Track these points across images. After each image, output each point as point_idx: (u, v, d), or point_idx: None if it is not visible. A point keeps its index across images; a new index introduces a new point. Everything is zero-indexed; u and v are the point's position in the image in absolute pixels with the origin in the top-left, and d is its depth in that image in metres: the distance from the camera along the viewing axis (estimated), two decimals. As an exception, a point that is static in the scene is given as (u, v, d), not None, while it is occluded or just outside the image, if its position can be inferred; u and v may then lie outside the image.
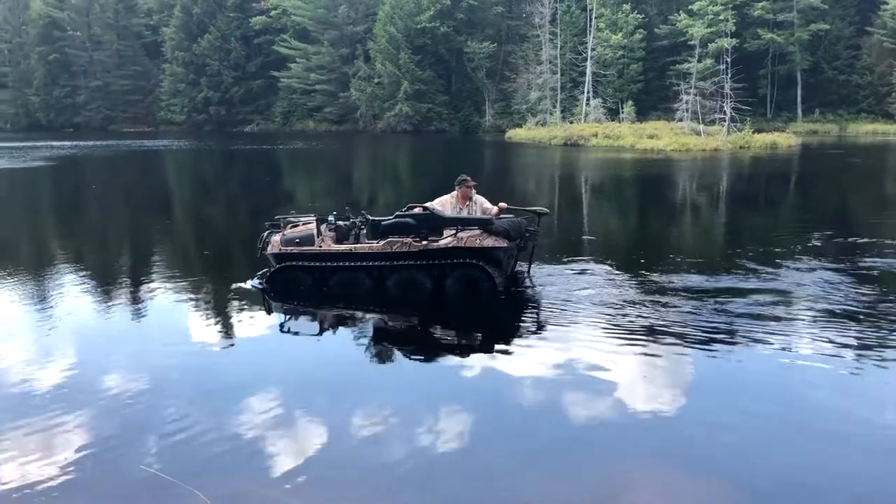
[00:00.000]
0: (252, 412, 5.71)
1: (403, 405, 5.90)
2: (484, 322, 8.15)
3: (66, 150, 43.41)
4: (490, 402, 6.00)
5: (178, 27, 72.35)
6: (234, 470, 4.84)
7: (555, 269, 10.25)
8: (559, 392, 6.12)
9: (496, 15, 65.26)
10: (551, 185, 25.62)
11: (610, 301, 8.59)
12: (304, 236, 9.09)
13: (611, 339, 7.29)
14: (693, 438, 5.29)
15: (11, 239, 15.04)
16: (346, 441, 5.26)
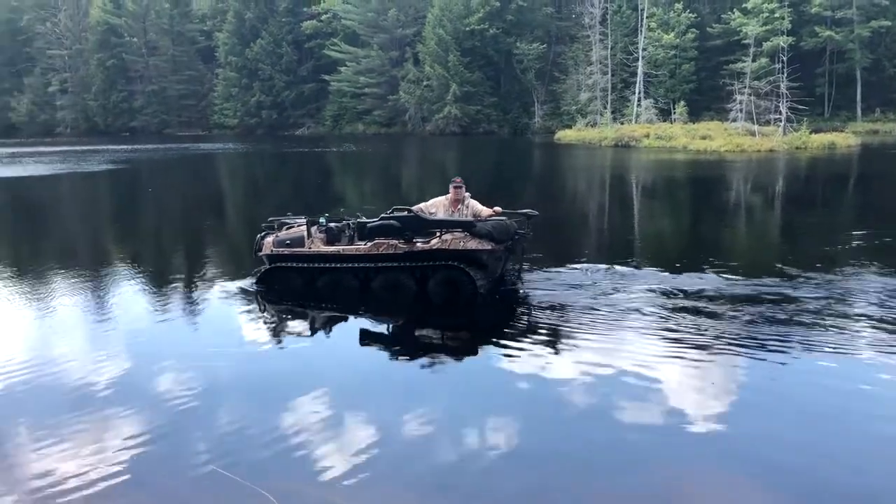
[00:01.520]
0: (305, 411, 5.75)
1: (451, 408, 5.88)
2: (518, 324, 8.05)
3: (124, 153, 44.50)
4: (536, 405, 5.93)
5: (231, 32, 73.58)
6: (294, 470, 4.86)
7: (603, 271, 10.11)
8: (604, 396, 6.02)
9: (546, 16, 64.88)
10: (601, 186, 25.35)
11: (657, 303, 8.44)
12: (295, 238, 9.27)
13: (656, 343, 7.16)
14: (742, 445, 5.15)
15: (72, 241, 15.43)
16: (398, 442, 5.25)
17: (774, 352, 6.82)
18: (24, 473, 4.83)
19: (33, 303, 9.26)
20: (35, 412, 5.80)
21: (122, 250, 14.03)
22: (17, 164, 36.42)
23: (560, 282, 9.60)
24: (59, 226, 17.68)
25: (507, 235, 9.10)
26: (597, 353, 6.94)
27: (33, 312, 8.79)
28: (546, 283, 9.58)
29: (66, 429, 5.48)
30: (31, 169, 32.99)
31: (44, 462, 4.97)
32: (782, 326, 7.50)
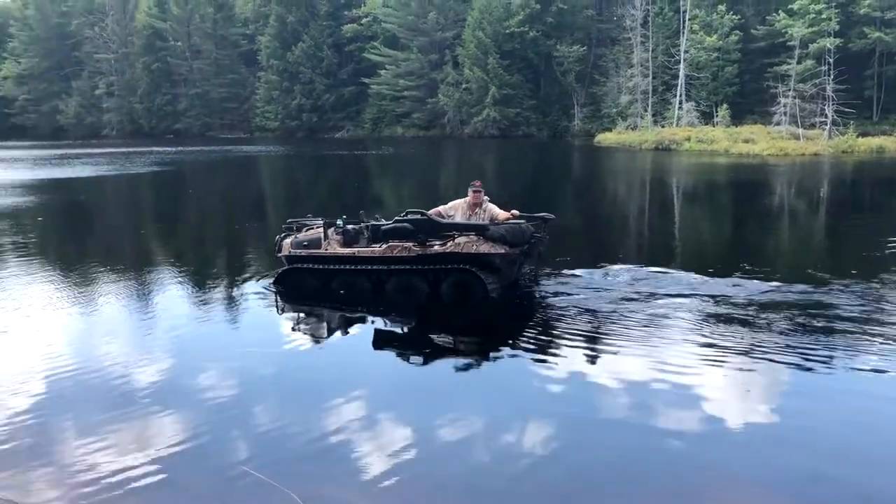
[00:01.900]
0: (337, 413, 5.78)
1: (481, 412, 5.85)
2: (551, 327, 7.97)
3: (168, 155, 45.28)
4: (568, 409, 5.89)
5: (272, 36, 74.43)
6: (323, 472, 4.88)
7: (641, 274, 10.00)
8: (637, 401, 5.95)
9: (586, 18, 64.50)
10: (641, 189, 25.11)
11: (694, 308, 8.33)
12: (312, 240, 9.39)
13: (692, 348, 7.08)
14: (780, 454, 5.05)
15: (117, 241, 15.74)
16: (429, 446, 5.26)
17: (814, 360, 6.68)
18: (67, 469, 4.93)
19: (79, 302, 9.45)
20: (79, 409, 5.92)
21: (164, 250, 14.27)
22: (67, 165, 37.25)
23: (595, 285, 9.53)
24: (105, 226, 18.05)
25: (521, 239, 9.10)
26: (631, 357, 6.87)
27: (79, 311, 8.97)
28: (581, 285, 9.50)
29: (108, 426, 5.58)
30: (80, 170, 33.73)
31: (85, 458, 5.07)
32: (822, 334, 7.35)
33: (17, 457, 5.10)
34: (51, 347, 7.46)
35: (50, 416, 5.80)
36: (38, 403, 6.04)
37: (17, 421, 5.70)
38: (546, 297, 9.09)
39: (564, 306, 8.60)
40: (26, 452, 5.17)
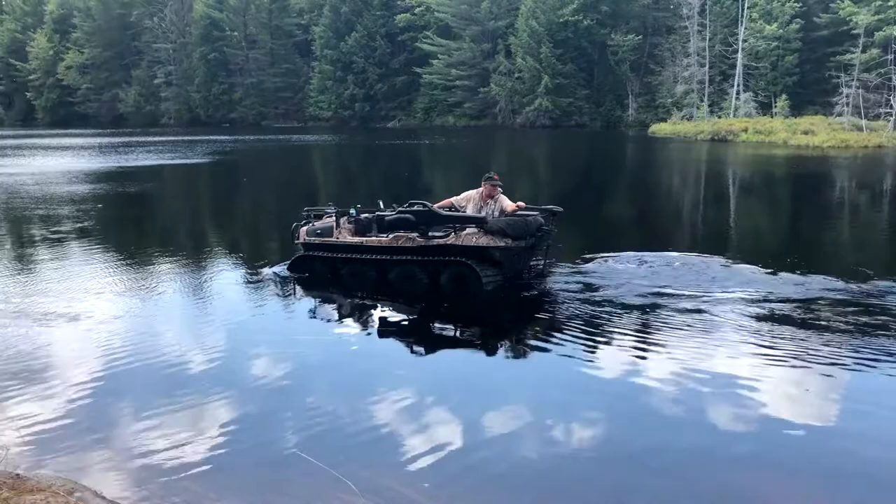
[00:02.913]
0: (387, 403, 5.83)
1: (529, 405, 5.84)
2: (602, 320, 7.88)
3: (224, 144, 46.07)
4: (617, 405, 5.83)
5: (326, 26, 74.99)
6: (376, 461, 4.92)
7: (692, 268, 9.84)
8: (690, 398, 5.86)
9: (642, 7, 63.46)
10: (696, 181, 24.69)
11: (749, 303, 8.15)
12: (325, 228, 9.60)
13: (748, 345, 6.93)
14: (836, 457, 4.94)
15: (173, 230, 16.10)
16: (477, 437, 5.26)
17: (872, 361, 6.49)
18: (122, 450, 5.07)
19: (136, 287, 9.69)
20: (134, 393, 6.07)
21: (218, 238, 14.55)
22: (128, 153, 38.16)
23: (644, 276, 9.40)
24: (164, 214, 18.46)
25: (524, 232, 9.03)
26: (685, 353, 6.76)
27: (136, 297, 9.20)
28: (630, 277, 9.39)
29: (162, 409, 5.71)
30: (140, 159, 34.52)
31: (140, 440, 5.20)
32: (883, 335, 7.13)
33: (74, 438, 5.25)
34: (108, 332, 7.66)
35: (106, 400, 5.96)
36: (95, 386, 6.21)
37: (75, 403, 5.87)
38: (592, 287, 9.00)
39: (610, 297, 8.50)
40: (83, 434, 5.32)
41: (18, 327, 7.75)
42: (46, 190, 21.07)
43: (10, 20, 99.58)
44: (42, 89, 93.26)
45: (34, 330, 7.68)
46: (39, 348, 7.11)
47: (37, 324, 7.89)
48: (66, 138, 54.46)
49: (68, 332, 7.61)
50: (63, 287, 9.61)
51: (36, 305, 8.64)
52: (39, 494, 4.23)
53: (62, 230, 14.31)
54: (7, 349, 7.04)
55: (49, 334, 7.55)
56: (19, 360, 6.74)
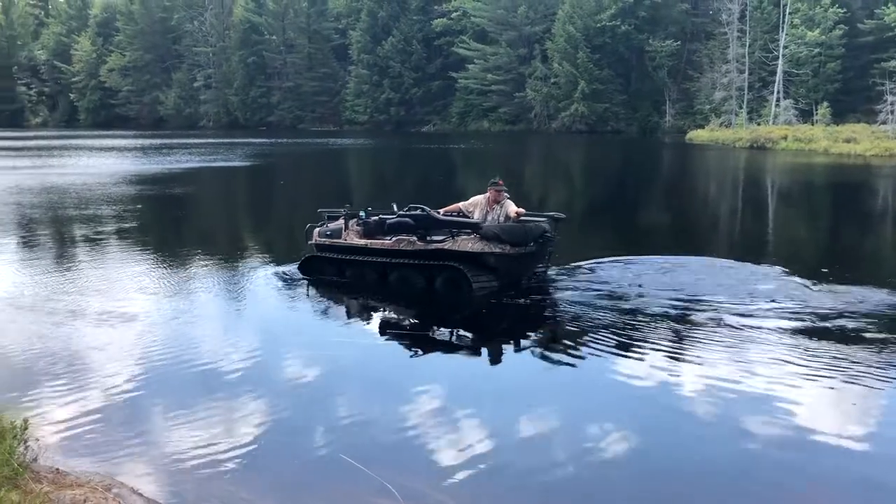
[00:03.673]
0: (422, 406, 5.86)
1: (561, 411, 5.82)
2: (637, 328, 7.80)
3: (262, 147, 46.61)
4: (650, 414, 5.79)
5: (364, 30, 75.44)
6: (413, 464, 4.94)
7: (729, 272, 9.72)
8: (723, 410, 5.79)
9: (681, 12, 62.86)
10: (734, 188, 24.40)
11: (786, 313, 8.02)
12: (335, 230, 9.79)
13: (786, 355, 6.82)
14: (877, 473, 4.83)
15: (210, 231, 16.32)
16: (513, 444, 5.27)
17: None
18: (158, 450, 5.15)
19: (174, 287, 9.84)
20: (171, 393, 6.16)
21: (255, 239, 14.72)
22: (169, 155, 38.75)
23: (677, 285, 9.30)
24: (204, 216, 18.73)
25: (522, 238, 9.02)
26: (717, 363, 6.69)
27: (173, 296, 9.34)
28: (660, 285, 9.30)
29: (200, 408, 5.79)
30: (181, 161, 35.02)
31: (176, 440, 5.27)
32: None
33: (112, 435, 5.34)
34: (146, 331, 7.80)
35: (143, 398, 6.07)
36: (132, 385, 6.32)
37: (113, 401, 5.98)
38: (626, 294, 8.92)
39: (642, 304, 8.42)
40: (121, 431, 5.41)
41: (58, 325, 7.92)
42: (93, 190, 21.49)
43: (56, 23, 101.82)
44: (85, 91, 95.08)
45: (73, 328, 7.84)
46: (79, 346, 7.26)
47: (76, 322, 8.05)
48: (108, 139, 55.49)
49: (106, 331, 7.75)
50: (102, 286, 9.80)
51: (75, 304, 8.82)
52: (79, 490, 4.31)
53: (105, 230, 14.58)
54: (48, 347, 7.19)
55: (87, 333, 7.70)
56: (59, 358, 6.88)
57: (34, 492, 4.07)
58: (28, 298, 9.11)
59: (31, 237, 14.06)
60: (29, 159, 35.56)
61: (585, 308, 8.46)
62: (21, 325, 7.90)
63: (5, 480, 4.12)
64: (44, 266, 11.23)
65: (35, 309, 8.58)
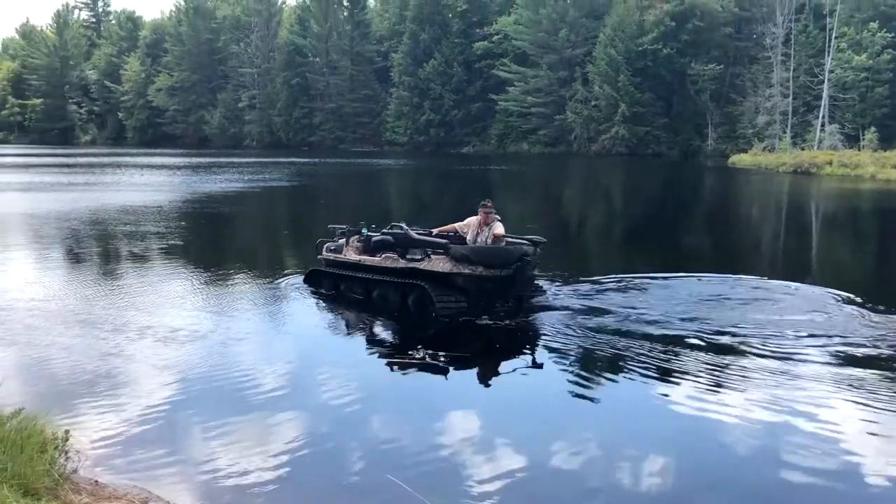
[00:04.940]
0: (457, 428, 5.86)
1: (600, 438, 5.75)
2: (682, 356, 7.68)
3: (304, 167, 47.18)
4: (691, 442, 5.69)
5: (406, 53, 76.22)
6: (456, 487, 4.91)
7: (770, 297, 9.55)
8: (767, 437, 5.68)
9: (724, 36, 62.42)
10: (777, 213, 24.02)
11: (831, 340, 7.84)
12: (338, 246, 10.08)
13: (832, 383, 6.66)
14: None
15: (251, 248, 16.53)
16: (551, 470, 5.23)
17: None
18: (194, 465, 5.19)
19: (213, 304, 9.98)
20: (208, 408, 6.22)
21: (295, 257, 14.83)
22: (217, 173, 39.40)
23: (715, 308, 9.16)
24: (246, 234, 18.99)
25: (494, 260, 9.02)
26: (764, 388, 6.55)
27: (212, 314, 9.46)
28: (699, 307, 9.16)
29: (235, 425, 5.83)
30: (228, 179, 35.60)
31: (212, 456, 5.32)
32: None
33: (149, 449, 5.41)
34: (184, 347, 7.89)
35: (180, 413, 6.14)
36: (170, 399, 6.40)
37: (151, 415, 6.06)
38: (668, 319, 8.81)
39: (686, 330, 8.30)
40: (158, 445, 5.48)
41: (100, 339, 8.06)
42: (142, 207, 21.94)
43: (107, 44, 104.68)
44: (133, 110, 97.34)
45: (115, 342, 7.97)
46: (119, 360, 7.37)
47: (117, 336, 8.19)
48: (156, 157, 56.72)
49: (147, 346, 7.86)
50: (145, 301, 9.96)
51: (118, 318, 8.97)
52: (116, 502, 4.37)
53: (151, 246, 14.86)
54: (90, 360, 7.33)
55: (128, 347, 7.81)
56: (100, 371, 7.00)
57: (73, 503, 4.13)
58: (73, 312, 9.30)
59: (79, 252, 14.37)
60: (83, 176, 36.43)
61: (623, 330, 8.36)
62: (65, 339, 8.06)
63: (46, 491, 4.19)
64: (89, 280, 11.47)
65: (79, 323, 8.75)
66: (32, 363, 7.23)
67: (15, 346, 7.83)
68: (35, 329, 8.42)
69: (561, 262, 12.59)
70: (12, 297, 10.03)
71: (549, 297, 9.86)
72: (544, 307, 9.40)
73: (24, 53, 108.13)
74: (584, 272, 11.94)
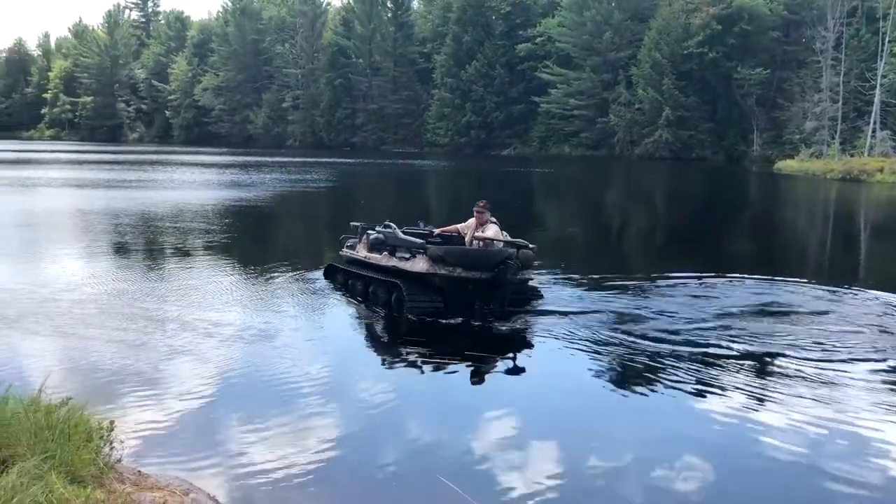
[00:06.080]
0: (496, 428, 5.83)
1: (641, 441, 5.69)
2: (725, 363, 7.55)
3: (346, 167, 47.55)
4: (731, 453, 5.59)
5: (448, 54, 76.34)
6: (505, 487, 4.90)
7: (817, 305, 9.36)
8: (814, 451, 5.55)
9: (772, 40, 61.37)
10: (824, 221, 23.54)
11: (880, 354, 7.65)
12: (354, 243, 10.51)
13: (880, 395, 6.48)
14: None
15: (293, 246, 16.72)
16: (588, 475, 5.17)
17: None
18: (235, 460, 5.24)
19: (255, 301, 10.11)
20: (250, 404, 6.28)
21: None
22: (263, 172, 39.90)
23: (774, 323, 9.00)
24: (288, 232, 19.20)
25: (469, 261, 8.97)
26: (802, 406, 6.41)
27: (254, 310, 9.57)
28: (757, 320, 9.01)
29: (276, 422, 5.87)
30: (273, 179, 36.01)
31: (253, 451, 5.37)
32: None
33: (191, 442, 5.49)
34: (228, 341, 7.99)
35: (223, 408, 6.21)
36: (213, 394, 6.49)
37: (193, 407, 6.15)
38: (710, 325, 8.68)
39: (742, 341, 8.16)
40: (200, 439, 5.55)
41: (144, 333, 8.20)
42: (188, 204, 22.31)
43: (156, 44, 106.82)
44: (179, 109, 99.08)
45: (159, 336, 8.10)
46: (163, 354, 7.49)
47: (161, 330, 8.32)
48: (202, 156, 57.63)
49: (190, 340, 7.97)
50: (189, 296, 10.10)
51: (162, 312, 9.12)
52: (158, 492, 4.44)
53: (196, 242, 15.12)
54: (135, 353, 7.46)
55: (172, 341, 7.93)
56: (145, 364, 7.13)
57: (117, 491, 4.21)
58: (120, 306, 9.48)
59: (129, 247, 14.66)
60: (135, 173, 37.14)
61: (660, 335, 8.26)
62: (111, 332, 8.21)
63: (92, 479, 4.27)
64: (135, 274, 11.70)
65: (125, 316, 8.91)
66: (80, 354, 7.38)
67: (64, 337, 8.01)
68: (83, 321, 8.60)
69: (601, 264, 12.48)
70: (63, 289, 10.27)
71: (588, 300, 9.81)
72: (582, 311, 9.33)
73: (76, 52, 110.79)
74: (624, 274, 11.84)
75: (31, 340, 7.89)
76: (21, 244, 15.01)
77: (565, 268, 12.50)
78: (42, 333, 8.13)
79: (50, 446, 4.30)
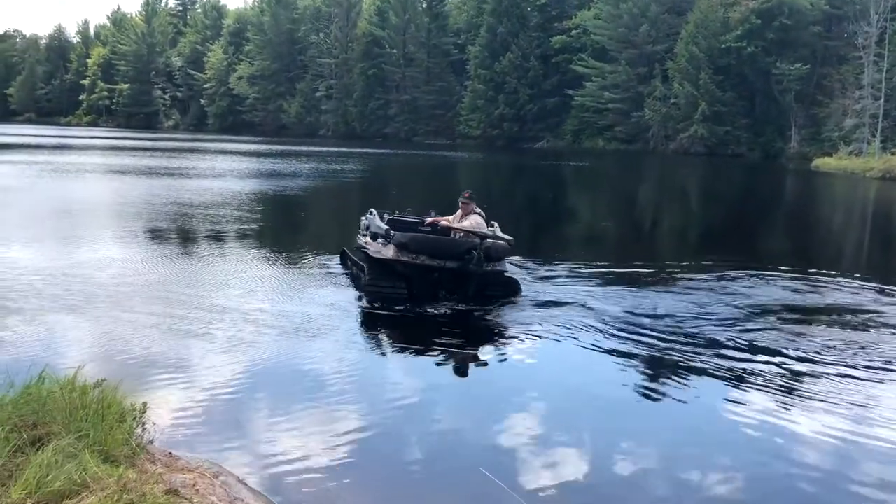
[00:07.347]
0: (527, 420, 5.81)
1: (670, 437, 5.64)
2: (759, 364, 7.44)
3: (379, 157, 47.71)
4: (761, 456, 5.52)
5: (482, 46, 76.05)
6: (549, 482, 4.90)
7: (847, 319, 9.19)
8: (845, 456, 5.45)
9: (813, 35, 60.21)
10: (862, 220, 23.10)
11: None
12: None
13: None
14: None
15: (324, 234, 16.81)
16: (620, 476, 5.14)
17: None
18: (264, 445, 5.29)
19: (287, 288, 10.18)
20: (279, 391, 6.35)
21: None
22: (297, 162, 40.16)
23: (805, 325, 8.86)
24: (319, 221, 19.31)
25: (428, 249, 8.99)
26: (842, 407, 6.30)
27: (287, 297, 9.64)
28: (788, 320, 8.87)
29: (306, 409, 5.92)
30: (308, 168, 36.23)
31: (283, 437, 5.42)
32: None
33: (222, 426, 5.56)
34: (260, 327, 8.06)
35: (253, 394, 6.29)
36: (243, 381, 6.55)
37: (224, 392, 6.23)
38: (745, 322, 8.57)
39: (777, 343, 8.05)
40: (231, 423, 5.62)
41: (178, 318, 8.29)
42: (222, 191, 22.54)
43: (193, 33, 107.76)
44: (214, 97, 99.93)
45: (192, 321, 8.19)
46: (196, 339, 7.57)
47: (194, 315, 8.41)
48: (238, 144, 58.20)
49: (223, 325, 8.05)
50: (223, 282, 10.25)
51: (195, 298, 9.23)
52: (188, 474, 4.49)
53: (233, 230, 15.26)
54: (168, 337, 7.56)
55: (205, 326, 8.02)
56: (178, 348, 7.22)
57: (149, 472, 4.26)
58: (154, 290, 9.60)
59: (166, 233, 14.84)
60: (176, 160, 37.47)
61: (692, 330, 8.17)
62: (145, 315, 8.32)
63: (124, 458, 4.33)
64: (169, 259, 11.84)
65: (159, 300, 9.03)
66: (114, 337, 7.49)
67: (98, 320, 8.14)
68: (118, 305, 8.73)
69: (635, 257, 12.38)
70: (99, 272, 10.43)
71: (619, 295, 9.75)
72: (613, 305, 9.26)
73: (113, 40, 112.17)
74: (656, 269, 11.72)
75: (70, 321, 8.04)
76: (72, 228, 15.24)
77: (597, 261, 12.42)
78: (82, 315, 8.28)
79: (84, 426, 4.37)
